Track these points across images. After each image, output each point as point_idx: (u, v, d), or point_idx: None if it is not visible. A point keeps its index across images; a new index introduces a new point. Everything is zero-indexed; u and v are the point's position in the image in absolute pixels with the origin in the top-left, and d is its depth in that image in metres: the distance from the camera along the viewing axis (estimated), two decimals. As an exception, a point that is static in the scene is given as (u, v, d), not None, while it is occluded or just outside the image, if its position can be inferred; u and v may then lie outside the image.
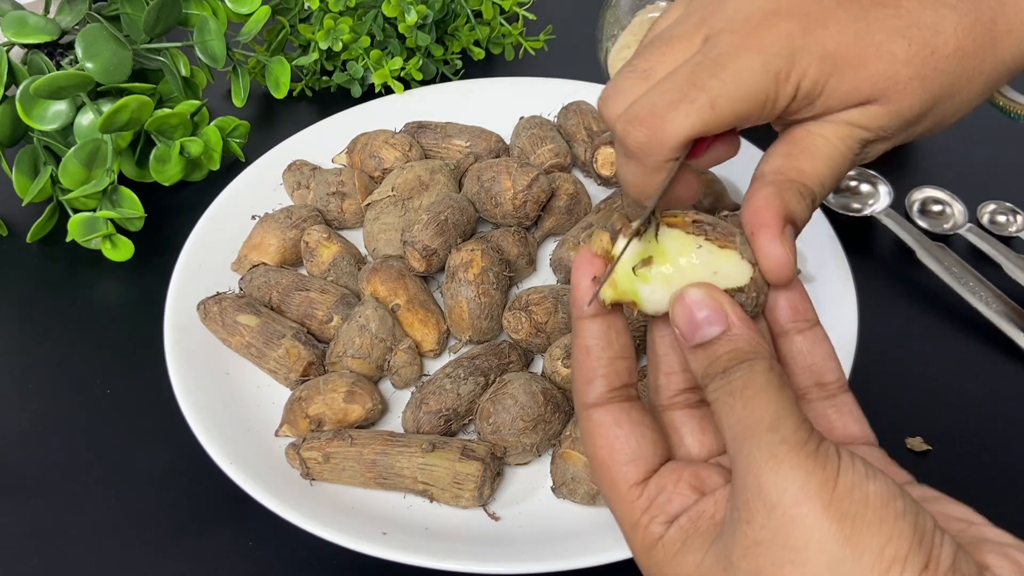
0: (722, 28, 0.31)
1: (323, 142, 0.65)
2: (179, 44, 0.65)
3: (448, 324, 0.53)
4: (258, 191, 0.62)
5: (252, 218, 0.59)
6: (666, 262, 0.30)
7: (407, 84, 0.71)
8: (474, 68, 0.77)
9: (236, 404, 0.49)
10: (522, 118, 0.64)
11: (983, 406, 0.51)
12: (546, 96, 0.66)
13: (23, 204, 0.62)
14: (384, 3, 0.67)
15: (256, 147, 0.66)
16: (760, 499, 0.25)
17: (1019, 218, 0.61)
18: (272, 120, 0.75)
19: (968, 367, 0.53)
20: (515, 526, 0.44)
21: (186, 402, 0.48)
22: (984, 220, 0.62)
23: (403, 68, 0.71)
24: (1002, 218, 0.61)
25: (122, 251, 0.62)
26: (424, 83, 0.72)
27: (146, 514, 0.48)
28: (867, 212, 0.62)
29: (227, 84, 0.75)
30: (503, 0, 0.74)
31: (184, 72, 0.66)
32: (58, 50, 0.63)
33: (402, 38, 0.73)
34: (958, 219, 0.61)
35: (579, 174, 0.63)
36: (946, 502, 0.28)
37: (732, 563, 0.26)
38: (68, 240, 0.61)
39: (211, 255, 0.57)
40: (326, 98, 0.76)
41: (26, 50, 0.63)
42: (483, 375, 0.49)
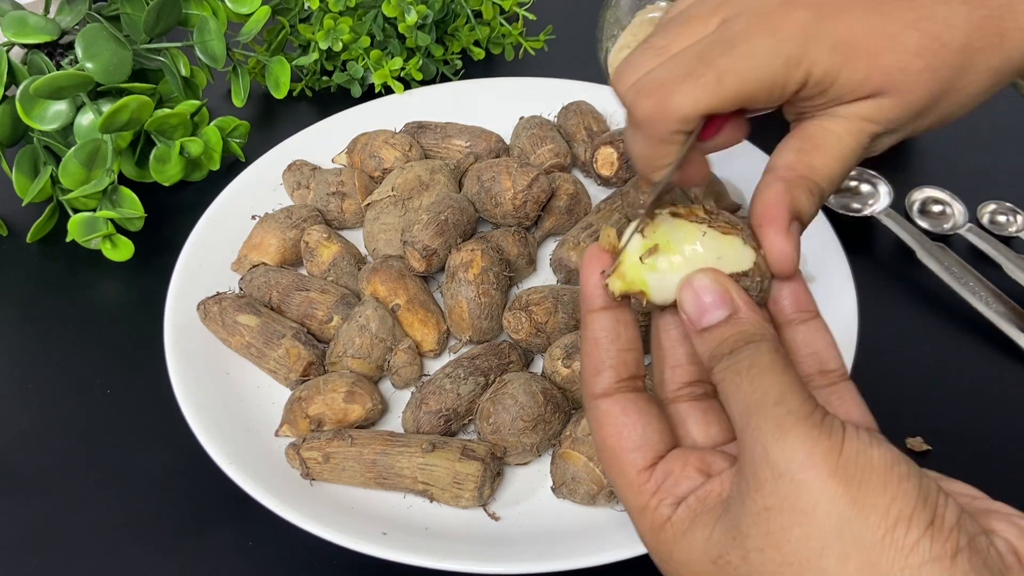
0: (739, 12, 0.32)
1: (323, 142, 0.65)
2: (179, 44, 0.65)
3: (448, 324, 0.53)
4: (258, 191, 0.62)
5: (252, 218, 0.59)
6: (672, 251, 0.31)
7: (407, 84, 0.71)
8: (474, 68, 0.77)
9: (236, 404, 0.49)
10: (522, 118, 0.64)
11: (983, 406, 0.51)
12: (546, 96, 0.66)
13: (23, 204, 0.62)
14: (384, 3, 0.67)
15: (256, 147, 0.66)
16: (768, 467, 0.26)
17: (1019, 218, 0.61)
18: (272, 120, 0.75)
19: (968, 367, 0.53)
20: (515, 526, 0.44)
21: (186, 402, 0.48)
22: (984, 220, 0.61)
23: (403, 68, 0.71)
24: (1002, 218, 0.61)
25: (122, 251, 0.62)
26: (424, 83, 0.72)
27: (146, 514, 0.48)
28: (867, 212, 0.62)
29: (227, 84, 0.75)
30: (503, 0, 0.74)
31: (184, 72, 0.66)
32: (58, 50, 0.63)
33: (402, 38, 0.73)
34: (958, 219, 0.61)
35: (579, 174, 0.63)
36: (949, 481, 0.29)
37: (741, 531, 0.27)
38: (68, 240, 0.61)
39: (211, 255, 0.57)
40: (326, 98, 0.76)
41: (26, 50, 0.63)
42: (483, 375, 0.49)
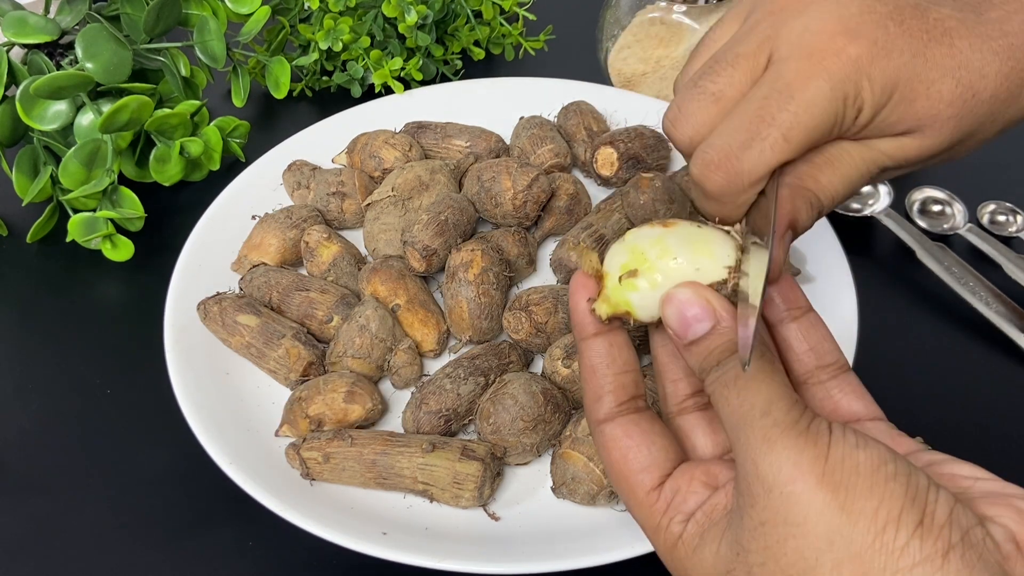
0: (787, 54, 0.31)
1: (323, 142, 0.65)
2: (179, 44, 0.65)
3: (448, 324, 0.53)
4: (258, 191, 0.62)
5: (252, 218, 0.59)
6: (650, 268, 0.31)
7: (407, 84, 0.71)
8: (474, 68, 0.77)
9: (236, 404, 0.49)
10: (522, 118, 0.64)
11: (983, 406, 0.51)
12: (546, 96, 0.66)
13: (23, 204, 0.62)
14: (384, 3, 0.67)
15: (256, 147, 0.66)
16: (759, 482, 0.27)
17: (1019, 218, 0.61)
18: (272, 120, 0.75)
19: (968, 367, 0.53)
20: (515, 526, 0.44)
21: (186, 402, 0.47)
22: (984, 220, 0.62)
23: (403, 68, 0.71)
24: (1002, 218, 0.61)
25: (122, 251, 0.62)
26: (424, 83, 0.72)
27: (146, 514, 0.48)
28: (867, 212, 0.62)
29: (227, 84, 0.75)
30: (503, 0, 0.74)
31: (184, 72, 0.66)
32: (58, 50, 0.63)
33: (402, 38, 0.73)
34: (958, 219, 0.61)
35: (579, 174, 0.63)
36: (954, 463, 0.30)
37: (743, 546, 0.27)
38: (68, 240, 0.61)
39: (211, 255, 0.57)
40: (326, 98, 0.76)
41: (26, 50, 0.63)
42: (483, 375, 0.49)
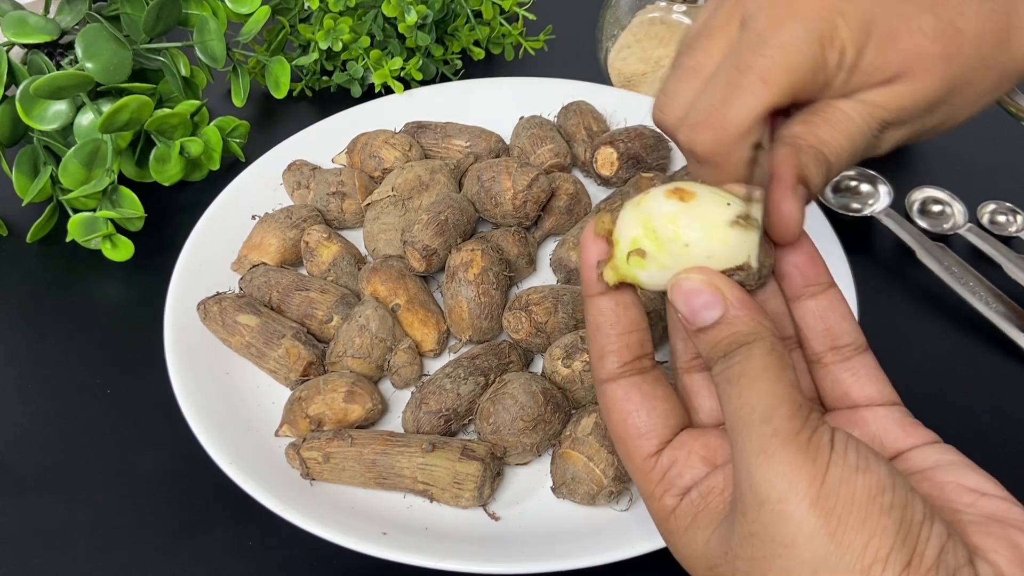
0: (756, 10, 0.31)
1: (323, 142, 0.65)
2: (179, 44, 0.65)
3: (448, 324, 0.53)
4: (258, 191, 0.62)
5: (252, 218, 0.59)
6: (660, 249, 0.30)
7: (407, 84, 0.71)
8: (474, 68, 0.77)
9: (236, 404, 0.49)
10: (522, 118, 0.64)
11: (983, 406, 0.51)
12: (546, 96, 0.66)
13: (23, 204, 0.62)
14: (384, 3, 0.67)
15: (256, 147, 0.66)
16: (751, 493, 0.26)
17: (1019, 218, 0.61)
18: (272, 120, 0.75)
19: (968, 367, 0.53)
20: (515, 526, 0.44)
21: (186, 402, 0.47)
22: (984, 220, 0.61)
23: (403, 68, 0.71)
24: (1002, 218, 0.61)
25: (122, 251, 0.62)
26: (424, 83, 0.72)
27: (146, 514, 0.48)
28: (867, 212, 0.62)
29: (227, 84, 0.75)
30: (503, 0, 0.74)
31: (184, 72, 0.66)
32: (58, 50, 0.63)
33: (402, 38, 0.73)
34: (958, 219, 0.61)
35: (579, 174, 0.63)
36: (964, 469, 0.29)
37: (731, 549, 0.27)
38: (68, 240, 0.61)
39: (211, 255, 0.57)
40: (326, 98, 0.76)
41: (26, 50, 0.63)
42: (483, 375, 0.48)
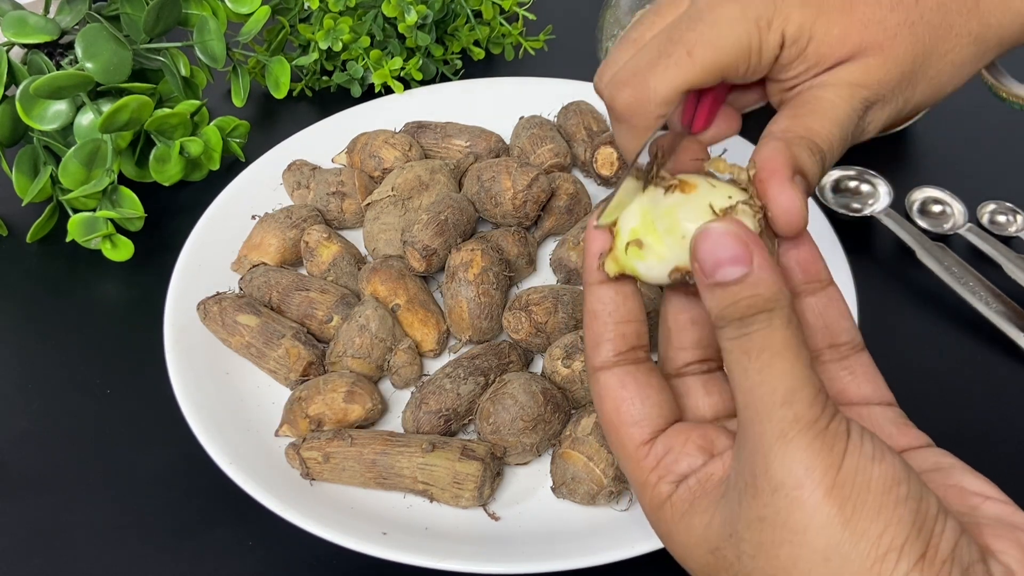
0: None
1: (323, 142, 0.65)
2: (179, 44, 0.65)
3: (448, 324, 0.53)
4: (258, 191, 0.62)
5: (252, 218, 0.59)
6: (658, 240, 0.29)
7: (407, 84, 0.71)
8: (474, 68, 0.77)
9: (236, 404, 0.49)
10: (522, 118, 0.64)
11: (983, 406, 0.51)
12: (546, 96, 0.66)
13: (23, 204, 0.62)
14: (384, 3, 0.67)
15: (256, 147, 0.66)
16: (766, 477, 0.25)
17: (1019, 218, 0.61)
18: (272, 120, 0.75)
19: (968, 367, 0.53)
20: (515, 526, 0.44)
21: (186, 402, 0.48)
22: (984, 220, 0.61)
23: (403, 68, 0.71)
24: (1002, 218, 0.61)
25: (122, 251, 0.62)
26: (424, 83, 0.72)
27: (146, 514, 0.48)
28: (867, 212, 0.62)
29: (227, 84, 0.75)
30: (503, 0, 0.74)
31: (184, 72, 0.66)
32: (58, 50, 0.63)
33: (402, 38, 0.73)
34: (958, 219, 0.61)
35: (579, 174, 0.63)
36: (964, 473, 0.28)
37: (737, 532, 0.26)
38: (68, 240, 0.61)
39: (211, 255, 0.57)
40: (326, 98, 0.76)
41: (26, 50, 0.63)
42: (483, 375, 0.49)
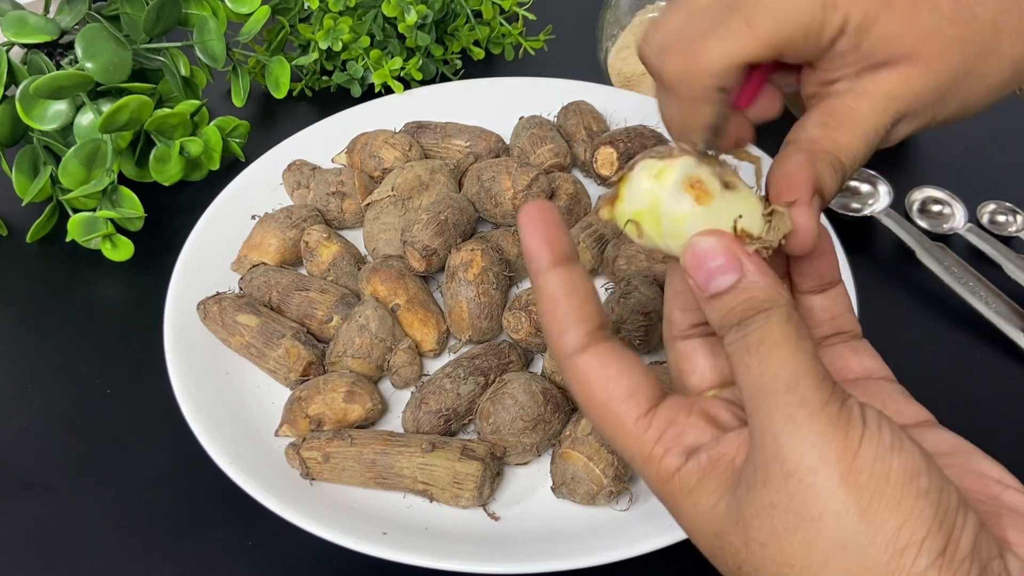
0: None
1: (323, 142, 0.65)
2: (179, 44, 0.65)
3: (448, 324, 0.53)
4: (258, 191, 0.62)
5: (252, 218, 0.59)
6: (659, 237, 0.29)
7: (407, 84, 0.71)
8: (474, 68, 0.77)
9: (236, 404, 0.49)
10: (522, 118, 0.64)
11: (983, 406, 0.51)
12: (546, 96, 0.66)
13: (23, 204, 0.62)
14: (384, 3, 0.67)
15: (256, 147, 0.66)
16: (778, 463, 0.24)
17: (1019, 218, 0.61)
18: (272, 120, 0.75)
19: (968, 367, 0.53)
20: (515, 526, 0.44)
21: (186, 402, 0.47)
22: (984, 220, 0.61)
23: (403, 68, 0.71)
24: (1002, 218, 0.61)
25: (122, 251, 0.62)
26: (424, 83, 0.72)
27: (146, 514, 0.48)
28: (867, 212, 0.62)
29: (227, 84, 0.75)
30: (503, 0, 0.74)
31: (184, 72, 0.66)
32: (58, 50, 0.63)
33: (402, 38, 0.73)
34: (958, 219, 0.61)
35: (579, 174, 0.63)
36: (982, 457, 0.28)
37: (746, 519, 0.25)
38: (68, 240, 0.61)
39: (211, 255, 0.57)
40: (326, 98, 0.76)
41: (26, 50, 0.63)
42: (483, 375, 0.49)
